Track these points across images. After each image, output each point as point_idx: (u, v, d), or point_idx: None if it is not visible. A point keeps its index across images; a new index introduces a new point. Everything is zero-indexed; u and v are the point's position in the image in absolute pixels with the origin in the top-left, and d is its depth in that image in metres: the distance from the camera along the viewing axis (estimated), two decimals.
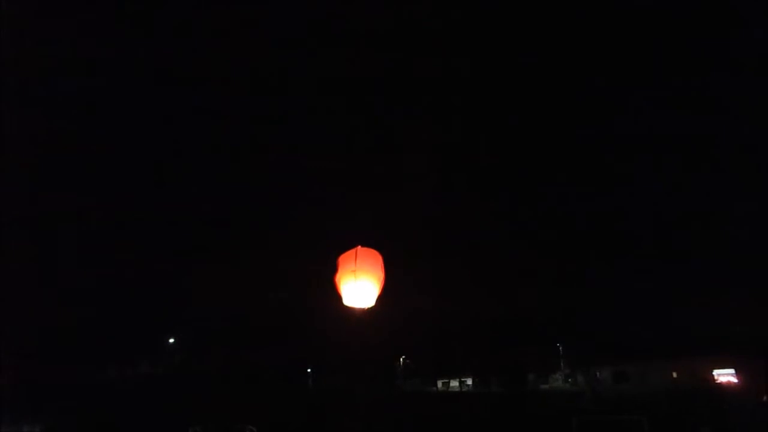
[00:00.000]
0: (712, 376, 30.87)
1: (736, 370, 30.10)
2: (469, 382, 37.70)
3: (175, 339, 29.79)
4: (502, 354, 31.71)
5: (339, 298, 12.87)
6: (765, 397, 23.97)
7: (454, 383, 38.74)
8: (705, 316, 28.51)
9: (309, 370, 35.12)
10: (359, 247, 12.91)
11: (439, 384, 39.21)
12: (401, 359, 37.54)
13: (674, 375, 31.15)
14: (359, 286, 12.35)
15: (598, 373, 35.17)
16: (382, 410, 23.34)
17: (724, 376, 30.75)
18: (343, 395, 26.09)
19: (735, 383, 29.82)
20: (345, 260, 13.36)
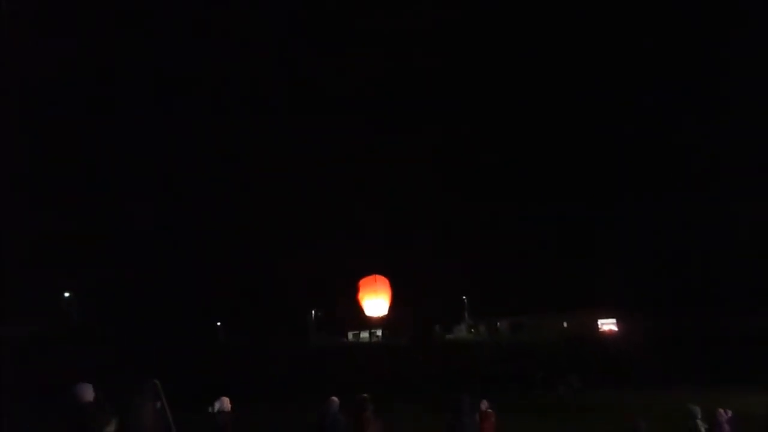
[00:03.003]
0: (597, 325, 34.13)
1: (617, 320, 33.51)
2: (379, 333, 38.86)
3: (71, 294, 27.76)
4: (410, 305, 32.84)
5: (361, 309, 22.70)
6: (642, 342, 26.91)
7: (365, 334, 39.80)
8: (593, 273, 31.33)
9: (218, 324, 34.39)
10: (377, 275, 22.47)
11: (350, 335, 40.11)
12: (312, 312, 37.83)
13: (564, 325, 34.04)
14: (378, 302, 21.66)
15: (498, 324, 37.68)
16: (293, 362, 23.59)
17: (607, 325, 34.16)
18: (254, 349, 25.97)
19: (615, 331, 33.20)
20: (366, 284, 22.65)
